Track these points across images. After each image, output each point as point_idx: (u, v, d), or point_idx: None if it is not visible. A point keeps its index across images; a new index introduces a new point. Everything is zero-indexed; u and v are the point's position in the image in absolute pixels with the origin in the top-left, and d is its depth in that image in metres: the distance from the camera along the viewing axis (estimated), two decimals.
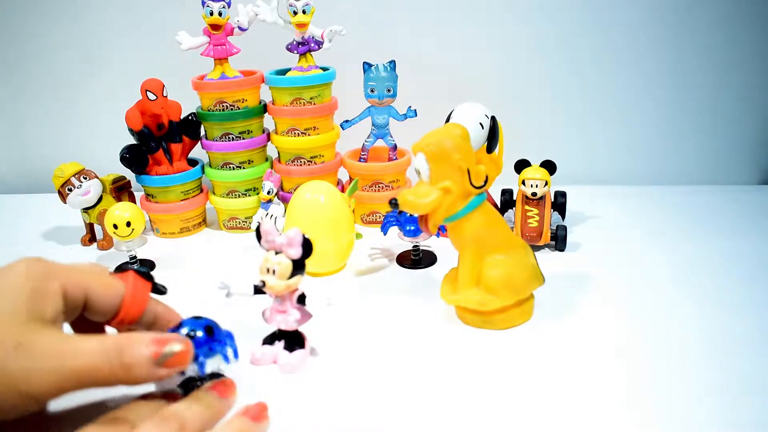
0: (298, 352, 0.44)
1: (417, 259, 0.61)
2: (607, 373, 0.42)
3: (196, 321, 0.35)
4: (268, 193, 0.66)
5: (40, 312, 0.31)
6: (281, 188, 0.72)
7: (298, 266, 0.41)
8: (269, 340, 0.45)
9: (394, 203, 0.46)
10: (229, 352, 0.36)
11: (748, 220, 0.70)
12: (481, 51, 0.82)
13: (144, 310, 0.37)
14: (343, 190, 0.71)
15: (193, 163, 0.73)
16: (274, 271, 0.40)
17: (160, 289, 0.39)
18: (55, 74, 0.87)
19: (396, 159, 0.71)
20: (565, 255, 0.62)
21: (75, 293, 0.34)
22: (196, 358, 0.34)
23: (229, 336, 0.37)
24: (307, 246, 0.40)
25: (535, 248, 0.62)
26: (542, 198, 0.61)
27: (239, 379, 0.36)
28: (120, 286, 0.36)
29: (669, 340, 0.46)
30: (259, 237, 0.41)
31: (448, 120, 0.59)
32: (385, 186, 0.70)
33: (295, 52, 0.68)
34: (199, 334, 0.34)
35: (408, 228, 0.57)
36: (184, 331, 0.34)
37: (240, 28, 0.68)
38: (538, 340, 0.46)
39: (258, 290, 0.43)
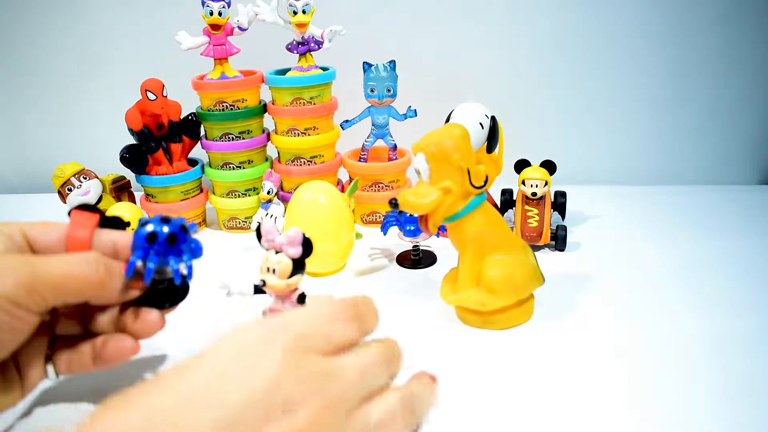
0: None
1: (417, 259, 0.61)
2: (607, 373, 0.42)
3: (162, 223, 0.36)
4: (268, 193, 0.66)
5: None
6: (281, 188, 0.72)
7: (299, 265, 0.41)
8: None
9: (394, 203, 0.46)
10: (182, 267, 0.36)
11: (748, 220, 0.70)
12: (481, 51, 0.82)
13: (90, 236, 0.36)
14: (343, 190, 0.71)
15: (193, 163, 0.73)
16: (274, 270, 0.40)
17: (113, 221, 0.38)
18: (55, 74, 0.87)
19: (396, 159, 0.71)
20: (565, 255, 0.62)
21: (11, 231, 0.35)
22: (143, 260, 0.35)
23: (194, 250, 0.37)
24: (307, 245, 0.40)
25: (535, 248, 0.62)
26: (542, 198, 0.61)
27: None
28: (63, 224, 0.37)
29: (669, 340, 0.46)
30: (259, 236, 0.42)
31: (448, 120, 0.59)
32: (385, 186, 0.70)
33: (295, 52, 0.68)
34: (149, 228, 0.36)
35: (408, 228, 0.57)
36: (149, 227, 0.35)
37: (240, 28, 0.68)
38: (538, 340, 0.46)
39: (258, 290, 0.42)
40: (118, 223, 0.38)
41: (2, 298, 0.30)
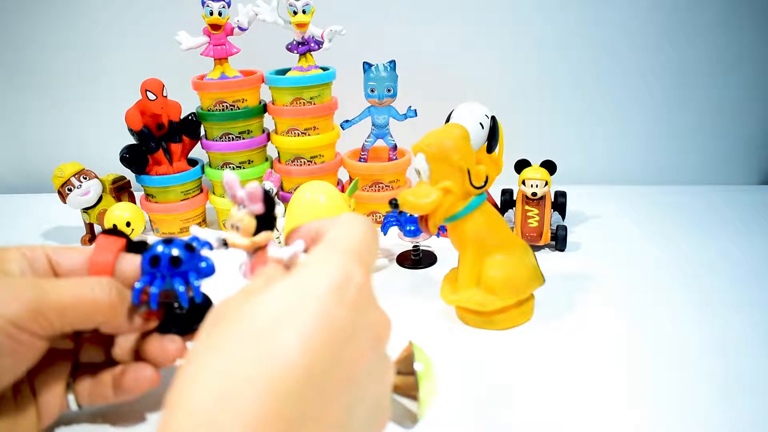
0: None
1: (417, 259, 0.61)
2: (607, 373, 0.42)
3: (165, 244, 0.34)
4: None
5: (1, 268, 0.33)
6: (281, 188, 0.72)
7: (264, 222, 0.36)
8: None
9: (394, 203, 0.46)
10: (189, 291, 0.34)
11: (748, 220, 0.70)
12: (481, 51, 0.82)
13: (114, 259, 0.35)
14: (343, 190, 0.71)
15: (193, 163, 0.73)
16: (237, 228, 0.36)
17: (140, 246, 0.37)
18: (55, 74, 0.87)
19: (396, 159, 0.71)
20: (565, 255, 0.62)
21: (35, 255, 0.34)
22: (149, 285, 0.34)
23: (203, 270, 0.35)
24: (268, 201, 0.36)
25: (535, 248, 0.62)
26: (542, 198, 0.61)
27: None
28: (87, 248, 0.36)
29: (669, 340, 0.46)
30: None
31: (448, 120, 0.59)
32: (385, 186, 0.70)
33: (295, 52, 0.68)
34: (160, 247, 0.34)
35: (408, 228, 0.57)
36: (160, 248, 0.34)
37: (240, 28, 0.68)
38: (538, 340, 0.46)
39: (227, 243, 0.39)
40: (145, 248, 0.37)
41: (4, 320, 0.29)
